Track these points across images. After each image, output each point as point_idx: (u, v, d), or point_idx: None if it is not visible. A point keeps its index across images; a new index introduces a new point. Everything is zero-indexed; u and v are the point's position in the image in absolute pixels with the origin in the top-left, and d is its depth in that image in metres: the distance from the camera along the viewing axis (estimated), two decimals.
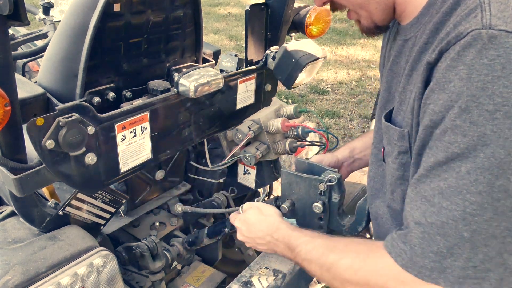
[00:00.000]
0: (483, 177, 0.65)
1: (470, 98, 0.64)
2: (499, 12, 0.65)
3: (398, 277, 0.77)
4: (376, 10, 0.86)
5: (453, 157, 0.67)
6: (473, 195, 0.66)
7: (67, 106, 1.02)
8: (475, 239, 0.67)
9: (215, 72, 1.36)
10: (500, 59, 0.63)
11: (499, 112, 0.63)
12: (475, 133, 0.64)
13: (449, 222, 0.68)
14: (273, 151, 1.52)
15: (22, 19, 0.84)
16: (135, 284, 1.60)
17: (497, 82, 0.63)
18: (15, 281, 0.98)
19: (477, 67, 0.64)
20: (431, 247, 0.71)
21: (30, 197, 1.12)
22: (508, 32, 0.63)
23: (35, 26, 4.01)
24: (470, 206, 0.66)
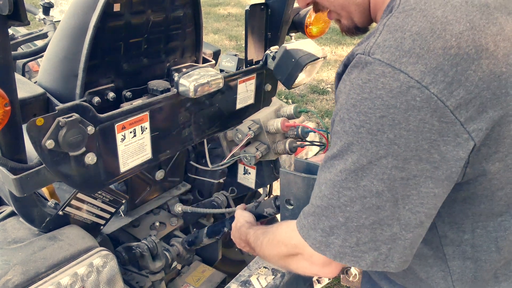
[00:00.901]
0: (350, 177, 0.76)
1: (345, 111, 0.76)
2: (383, 41, 0.72)
3: (302, 245, 0.89)
4: (355, 11, 0.93)
5: (334, 156, 0.80)
6: (344, 189, 0.78)
7: (67, 106, 1.02)
8: (349, 225, 0.79)
9: (215, 72, 1.36)
10: (369, 83, 0.71)
11: (363, 128, 0.73)
12: (346, 141, 0.76)
13: (329, 208, 0.81)
14: (273, 151, 1.52)
15: (22, 19, 0.84)
16: (135, 284, 1.60)
17: (363, 102, 0.72)
18: (15, 281, 0.98)
19: (355, 85, 0.74)
20: (319, 225, 0.83)
21: (30, 197, 1.12)
22: (380, 61, 0.71)
23: (35, 26, 4.01)
24: (343, 198, 0.78)
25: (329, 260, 0.87)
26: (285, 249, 0.97)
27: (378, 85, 0.71)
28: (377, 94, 0.71)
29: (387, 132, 0.71)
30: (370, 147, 0.73)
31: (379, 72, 0.71)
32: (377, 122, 0.71)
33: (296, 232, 0.90)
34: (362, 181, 0.75)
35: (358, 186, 0.76)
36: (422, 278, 0.93)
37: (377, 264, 0.81)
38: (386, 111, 0.70)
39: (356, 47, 0.78)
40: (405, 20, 0.73)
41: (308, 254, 0.89)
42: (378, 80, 0.71)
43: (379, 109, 0.71)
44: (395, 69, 0.70)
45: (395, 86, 0.69)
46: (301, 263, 0.94)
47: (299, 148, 1.52)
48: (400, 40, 0.71)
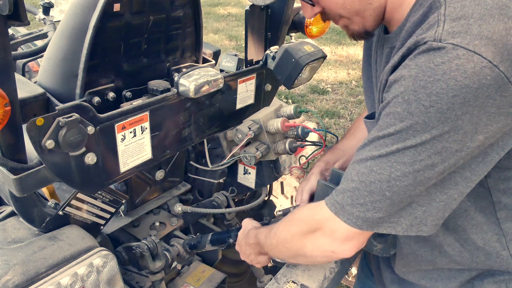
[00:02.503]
0: (408, 152, 0.80)
1: (412, 93, 0.78)
2: (450, 28, 0.77)
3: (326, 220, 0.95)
4: (370, 17, 0.97)
5: (389, 135, 0.83)
6: (398, 164, 0.82)
7: (67, 106, 1.02)
8: (395, 197, 0.84)
9: (215, 72, 1.36)
10: (443, 65, 0.75)
11: (432, 108, 0.76)
12: (410, 121, 0.79)
13: (375, 182, 0.85)
14: (273, 151, 1.52)
15: (22, 19, 0.84)
16: (135, 284, 1.60)
17: (436, 83, 0.75)
18: (15, 281, 0.98)
19: (424, 68, 0.77)
20: (359, 200, 0.88)
21: (30, 197, 1.12)
22: (453, 45, 0.75)
23: (35, 26, 4.01)
24: (394, 173, 0.82)
25: (353, 235, 0.92)
26: (304, 226, 1.00)
27: (452, 66, 0.74)
28: (451, 76, 0.74)
29: (456, 110, 0.75)
30: (436, 125, 0.77)
31: (453, 55, 0.75)
32: (449, 101, 0.75)
33: (320, 209, 0.95)
34: (420, 155, 0.79)
35: (414, 161, 0.80)
36: (480, 245, 0.98)
37: (411, 228, 0.87)
38: (459, 90, 0.74)
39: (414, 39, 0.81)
40: (463, 9, 0.78)
41: (331, 229, 0.94)
42: (452, 62, 0.74)
43: (452, 89, 0.74)
44: (469, 51, 0.74)
45: (470, 67, 0.74)
46: (320, 240, 0.97)
47: (299, 148, 1.52)
48: (466, 26, 0.76)
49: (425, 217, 0.86)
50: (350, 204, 0.89)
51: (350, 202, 0.89)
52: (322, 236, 0.97)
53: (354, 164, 0.91)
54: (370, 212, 0.87)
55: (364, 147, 0.89)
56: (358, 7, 0.95)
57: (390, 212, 0.86)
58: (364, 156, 0.88)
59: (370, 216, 0.87)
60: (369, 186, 0.86)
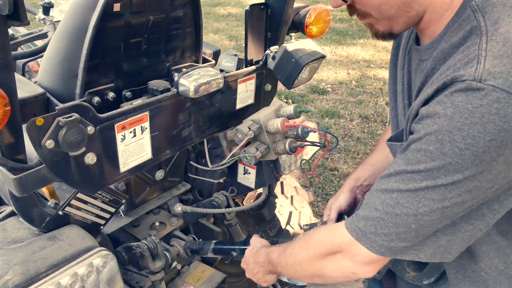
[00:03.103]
0: (438, 189, 0.79)
1: (447, 134, 0.76)
2: (492, 67, 0.74)
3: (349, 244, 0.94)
4: (402, 23, 0.92)
5: (418, 171, 0.81)
6: (427, 200, 0.81)
7: (67, 106, 1.02)
8: (420, 230, 0.84)
9: (215, 72, 1.36)
10: (481, 108, 0.73)
11: (467, 150, 0.74)
12: (442, 162, 0.77)
13: (402, 216, 0.84)
14: (273, 151, 1.52)
15: (22, 19, 0.84)
16: (135, 284, 1.60)
17: (473, 127, 0.73)
18: (15, 281, 0.98)
19: (461, 109, 0.74)
20: (383, 230, 0.87)
21: (30, 197, 1.12)
22: (494, 87, 0.72)
23: (35, 26, 4.01)
24: (422, 208, 0.81)
25: (376, 259, 0.92)
26: (324, 249, 0.99)
27: (491, 110, 0.72)
28: (490, 119, 0.72)
29: (492, 153, 0.74)
30: (470, 167, 0.75)
31: (494, 98, 0.72)
32: (485, 145, 0.73)
33: (342, 233, 0.94)
34: (450, 194, 0.79)
35: (443, 198, 0.79)
36: (502, 269, 0.98)
37: (435, 256, 0.87)
38: (497, 135, 0.73)
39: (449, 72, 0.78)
40: (505, 45, 0.75)
41: (352, 252, 0.93)
42: (492, 106, 0.72)
43: (489, 133, 0.73)
44: (510, 95, 0.72)
45: (510, 111, 0.72)
46: (341, 262, 0.97)
47: (299, 148, 1.52)
48: (509, 66, 0.73)
49: (449, 246, 0.86)
50: (373, 232, 0.88)
51: (373, 230, 0.88)
52: (343, 258, 0.96)
53: (378, 192, 0.89)
54: (394, 241, 0.87)
55: (389, 177, 0.87)
56: (394, 13, 0.89)
57: (415, 241, 0.86)
58: (389, 187, 0.86)
59: (394, 245, 0.87)
60: (395, 218, 0.85)
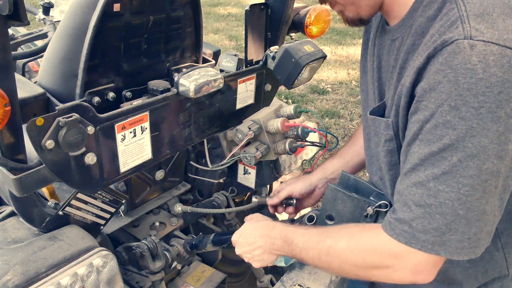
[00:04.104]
0: (472, 163, 0.77)
1: (458, 97, 0.75)
2: (477, 24, 0.76)
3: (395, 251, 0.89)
4: (365, 6, 0.96)
5: (445, 148, 0.78)
6: (465, 178, 0.77)
7: (67, 106, 1.02)
8: (469, 215, 0.79)
9: (215, 72, 1.36)
10: (480, 64, 0.73)
11: (483, 108, 0.74)
12: (464, 127, 0.76)
13: (446, 202, 0.80)
14: (273, 151, 1.52)
15: (22, 19, 0.84)
16: (135, 284, 1.60)
17: (479, 83, 0.74)
18: (15, 281, 0.98)
19: (463, 70, 0.75)
20: (432, 225, 0.82)
21: (30, 197, 1.12)
22: (485, 42, 0.74)
23: (35, 26, 4.01)
24: (463, 188, 0.78)
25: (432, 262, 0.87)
26: (376, 260, 0.93)
27: (489, 63, 0.73)
28: (491, 72, 0.73)
29: (505, 107, 0.74)
30: (491, 126, 0.75)
31: (488, 52, 0.74)
32: (496, 99, 0.74)
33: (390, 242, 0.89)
34: (485, 164, 0.76)
35: (480, 171, 0.77)
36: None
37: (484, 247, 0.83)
38: (502, 86, 0.73)
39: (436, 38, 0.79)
40: (482, 4, 0.78)
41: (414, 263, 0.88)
42: (489, 59, 0.73)
43: (496, 86, 0.73)
44: (501, 46, 0.74)
45: (505, 62, 0.74)
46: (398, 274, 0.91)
47: (299, 148, 1.52)
48: (491, 21, 0.76)
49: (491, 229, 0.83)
50: (422, 231, 0.83)
51: (422, 229, 0.83)
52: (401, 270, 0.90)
53: (410, 188, 0.85)
54: (446, 235, 0.82)
55: (417, 168, 0.84)
56: None
57: (468, 233, 0.81)
58: (422, 177, 0.83)
59: (447, 239, 0.82)
60: (440, 208, 0.81)
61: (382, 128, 0.98)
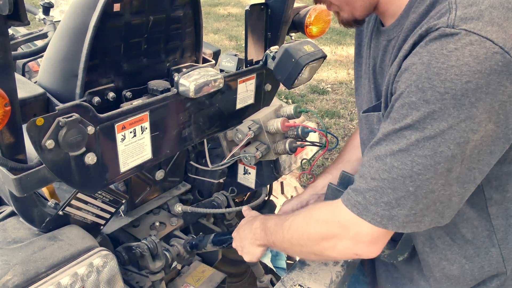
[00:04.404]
0: (428, 144, 0.79)
1: (426, 80, 0.78)
2: (463, 14, 0.78)
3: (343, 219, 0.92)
4: (360, 7, 0.98)
5: (406, 127, 0.81)
6: (419, 157, 0.80)
7: (67, 106, 1.02)
8: (418, 192, 0.82)
9: (215, 72, 1.36)
10: (456, 52, 0.76)
11: (447, 94, 0.76)
12: (426, 109, 0.78)
13: (398, 179, 0.83)
14: (273, 151, 1.52)
15: (22, 19, 0.84)
16: (135, 284, 1.60)
17: (449, 70, 0.75)
18: (15, 281, 0.98)
19: (437, 55, 0.77)
20: (383, 198, 0.85)
21: (30, 197, 1.12)
22: (466, 31, 0.76)
23: (35, 26, 4.01)
24: (416, 166, 0.81)
25: (378, 236, 0.90)
26: (325, 228, 0.97)
27: (465, 52, 0.75)
28: (464, 61, 0.75)
29: (470, 96, 0.75)
30: (452, 112, 0.76)
31: (467, 41, 0.75)
32: (463, 87, 0.75)
33: (343, 211, 0.92)
34: (440, 147, 0.79)
35: (435, 153, 0.79)
36: (469, 239, 0.99)
37: (431, 223, 0.87)
38: (472, 76, 0.75)
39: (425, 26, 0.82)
40: None
41: (355, 232, 0.91)
42: (466, 48, 0.75)
43: (465, 75, 0.75)
44: (482, 37, 0.75)
45: (482, 53, 0.75)
46: (342, 243, 0.94)
47: (299, 148, 1.52)
48: (478, 13, 0.77)
49: (443, 211, 0.86)
50: (374, 203, 0.87)
51: (373, 201, 0.87)
52: (344, 240, 0.94)
53: (371, 161, 0.88)
54: (395, 209, 0.85)
55: (379, 142, 0.87)
56: None
57: (415, 208, 0.84)
58: (381, 152, 0.86)
59: (395, 213, 0.85)
60: (392, 183, 0.84)
61: (375, 122, 1.01)
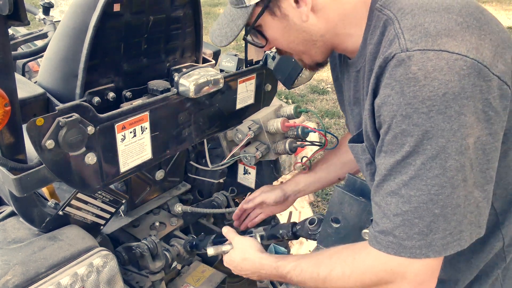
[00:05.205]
0: (435, 163, 0.80)
1: (407, 106, 0.80)
2: (411, 36, 0.82)
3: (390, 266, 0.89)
4: (316, 53, 1.04)
5: (407, 154, 0.82)
6: (432, 179, 0.80)
7: (67, 106, 1.02)
8: (445, 212, 0.81)
9: (215, 72, 1.36)
10: (420, 71, 0.78)
11: (432, 112, 0.78)
12: (419, 132, 0.80)
13: (421, 206, 0.82)
14: (273, 151, 1.52)
15: (22, 19, 0.84)
16: (135, 284, 1.60)
17: (423, 89, 0.78)
18: (15, 281, 0.98)
19: (406, 80, 0.79)
20: (413, 230, 0.84)
21: (30, 197, 1.12)
22: (420, 50, 0.79)
23: (35, 26, 4.01)
24: (432, 188, 0.81)
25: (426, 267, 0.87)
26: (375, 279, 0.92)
27: (428, 69, 0.78)
28: (432, 77, 0.78)
29: (453, 106, 0.77)
30: (444, 126, 0.78)
31: (425, 59, 0.78)
32: (443, 100, 0.77)
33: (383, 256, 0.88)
34: (447, 162, 0.79)
35: (444, 169, 0.80)
36: None
37: (471, 236, 0.85)
38: (445, 87, 0.77)
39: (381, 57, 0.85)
40: (414, 18, 0.84)
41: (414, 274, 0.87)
42: (427, 65, 0.78)
43: (439, 89, 0.77)
44: (436, 51, 0.79)
45: (443, 64, 0.78)
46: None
47: (299, 148, 1.52)
48: (424, 31, 0.81)
49: (477, 220, 0.84)
50: (406, 238, 0.84)
51: (405, 236, 0.84)
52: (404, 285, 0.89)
53: (386, 199, 0.87)
54: (429, 236, 0.83)
55: (386, 179, 0.87)
56: (303, 48, 1.03)
57: (448, 228, 0.83)
58: (394, 187, 0.85)
59: (431, 239, 0.83)
60: (416, 212, 0.83)
61: (360, 153, 1.03)
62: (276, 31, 1.01)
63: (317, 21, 0.97)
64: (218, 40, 1.05)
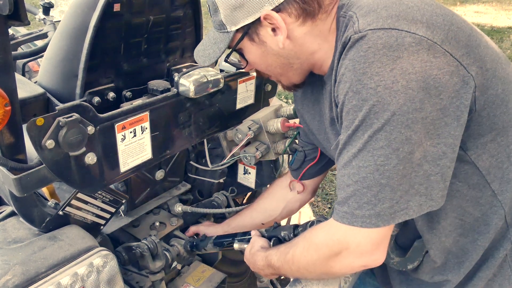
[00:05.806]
0: (380, 135, 0.83)
1: (357, 83, 0.84)
2: (364, 20, 0.87)
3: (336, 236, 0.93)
4: (293, 75, 1.09)
5: (357, 128, 0.86)
6: (377, 150, 0.84)
7: (67, 106, 1.02)
8: (391, 182, 0.84)
9: (215, 72, 1.36)
10: (370, 49, 0.82)
11: (379, 87, 0.81)
12: (367, 106, 0.83)
13: (368, 176, 0.86)
14: (273, 151, 1.52)
15: (22, 19, 0.84)
16: (135, 284, 1.60)
17: (372, 65, 0.82)
18: (15, 281, 0.98)
19: (358, 58, 0.84)
20: (363, 199, 0.87)
21: (30, 197, 1.12)
22: (371, 30, 0.84)
23: (35, 26, 4.01)
24: (378, 159, 0.84)
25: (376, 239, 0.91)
26: (326, 250, 0.97)
27: (378, 46, 0.82)
28: (381, 53, 0.81)
29: (401, 81, 0.80)
30: (389, 100, 0.81)
31: (375, 37, 0.83)
32: (390, 75, 0.80)
33: (336, 227, 0.94)
34: (392, 134, 0.82)
35: (389, 141, 0.83)
36: (478, 216, 1.00)
37: (421, 207, 0.88)
38: (393, 63, 0.80)
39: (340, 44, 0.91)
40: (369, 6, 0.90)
41: (355, 244, 0.92)
42: (377, 43, 0.82)
43: (387, 65, 0.81)
44: (386, 29, 0.83)
45: (393, 41, 0.82)
46: (347, 259, 0.95)
47: None
48: (376, 14, 0.87)
49: (428, 193, 0.87)
50: (357, 207, 0.88)
51: (356, 206, 0.88)
52: (348, 255, 0.94)
53: (340, 171, 0.92)
54: (378, 206, 0.86)
55: (341, 153, 0.91)
56: (281, 71, 1.08)
57: (395, 198, 0.86)
58: (346, 159, 0.90)
59: (380, 209, 0.86)
60: (365, 182, 0.86)
61: None
62: (255, 55, 1.07)
63: (293, 46, 1.01)
64: (202, 60, 1.10)
